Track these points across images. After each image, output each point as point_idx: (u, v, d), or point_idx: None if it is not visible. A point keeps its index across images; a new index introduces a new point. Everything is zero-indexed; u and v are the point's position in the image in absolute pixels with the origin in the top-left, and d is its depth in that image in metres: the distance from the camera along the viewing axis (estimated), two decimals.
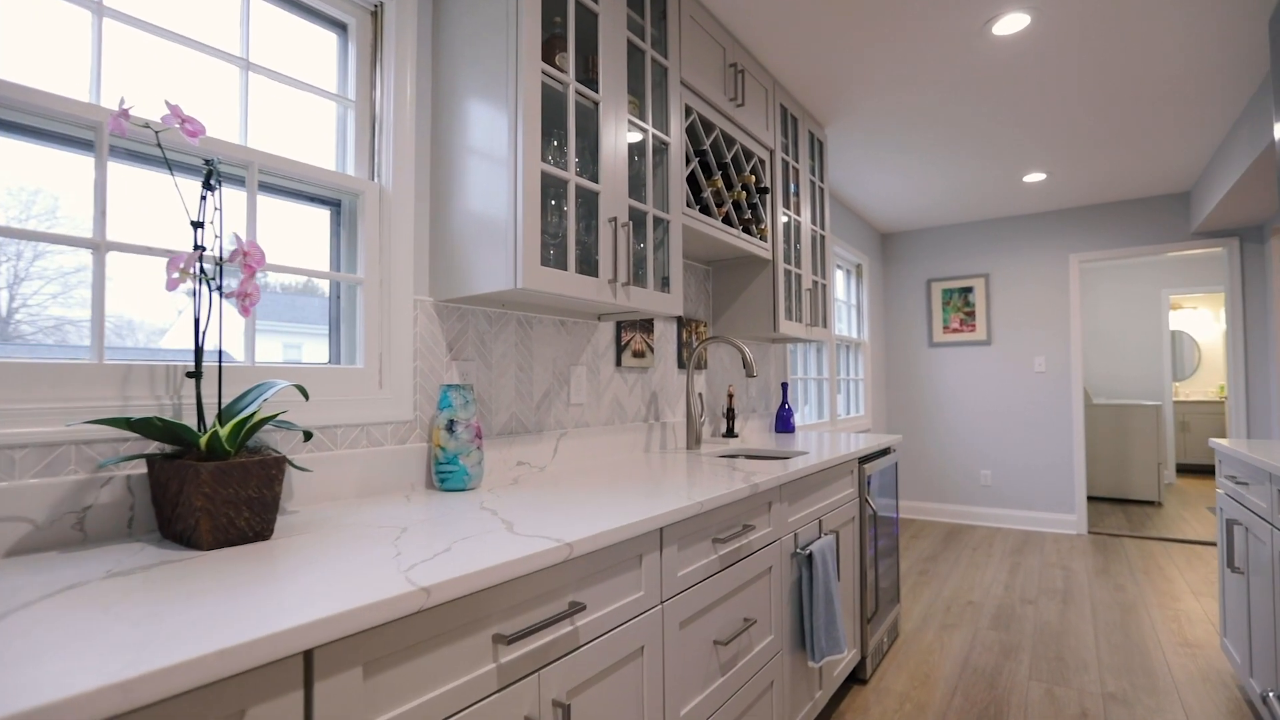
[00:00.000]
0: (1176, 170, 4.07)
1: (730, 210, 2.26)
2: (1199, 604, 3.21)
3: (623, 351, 2.16)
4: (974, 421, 5.14)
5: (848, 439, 2.73)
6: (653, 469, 1.80)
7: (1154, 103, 3.15)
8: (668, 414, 2.41)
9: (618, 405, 2.15)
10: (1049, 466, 4.85)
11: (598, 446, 2.03)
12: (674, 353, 2.46)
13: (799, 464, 1.86)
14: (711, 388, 2.72)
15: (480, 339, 1.66)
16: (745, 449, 2.38)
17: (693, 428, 2.30)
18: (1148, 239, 4.57)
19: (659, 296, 1.81)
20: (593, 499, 1.32)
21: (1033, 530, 4.83)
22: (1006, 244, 5.03)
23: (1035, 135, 3.42)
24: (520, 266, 1.36)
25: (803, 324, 2.79)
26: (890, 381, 5.50)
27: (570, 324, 1.96)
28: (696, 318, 2.63)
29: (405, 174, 1.49)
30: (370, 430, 1.39)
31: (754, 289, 2.61)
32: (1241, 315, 4.30)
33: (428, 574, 0.78)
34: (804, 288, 2.82)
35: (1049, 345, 4.86)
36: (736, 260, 2.65)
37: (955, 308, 5.16)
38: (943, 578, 3.68)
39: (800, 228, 2.83)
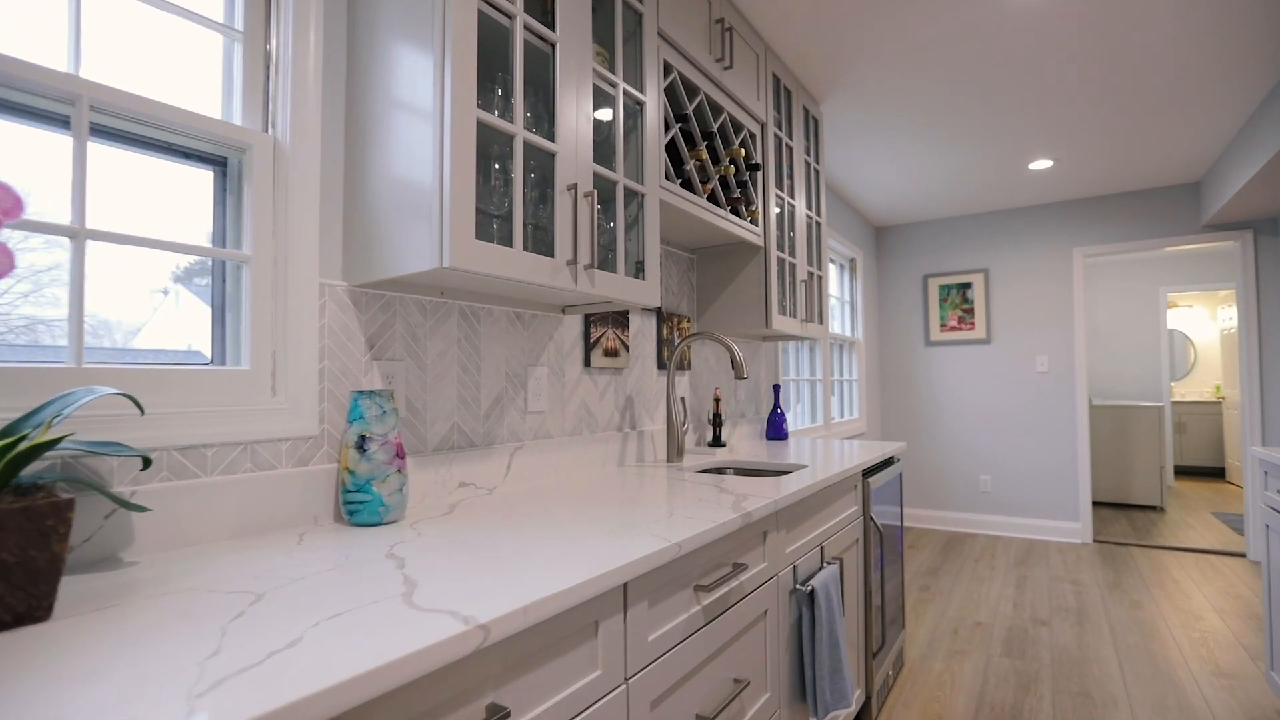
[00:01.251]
0: (1187, 159, 3.85)
1: (716, 188, 1.97)
2: (1224, 624, 2.97)
3: (592, 350, 1.87)
4: (972, 424, 4.90)
5: (845, 447, 2.45)
6: (625, 489, 1.51)
7: (1170, 86, 2.92)
8: (645, 421, 2.13)
9: (586, 412, 1.86)
10: (1052, 472, 4.62)
11: (561, 461, 1.73)
12: (653, 351, 2.18)
13: (797, 482, 1.57)
14: (696, 391, 2.44)
15: (412, 334, 1.36)
16: (734, 461, 2.10)
17: (674, 437, 2.02)
18: (1155, 232, 4.36)
19: (631, 284, 1.53)
20: (543, 536, 1.02)
21: (1035, 539, 4.60)
22: (1007, 238, 4.80)
23: (1044, 119, 3.17)
24: (448, 241, 1.06)
25: (797, 319, 2.51)
26: (885, 382, 5.25)
27: (528, 317, 1.66)
28: (679, 312, 2.34)
29: (308, 127, 1.19)
30: (257, 450, 1.09)
31: (743, 280, 2.33)
32: (1256, 312, 4.08)
33: (234, 707, 0.49)
34: (798, 279, 2.54)
35: (1051, 344, 4.63)
36: (724, 247, 2.37)
37: (953, 305, 4.92)
38: (945, 594, 3.42)
39: (794, 212, 2.56)
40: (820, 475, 1.70)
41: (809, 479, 1.63)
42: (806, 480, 1.61)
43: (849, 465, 1.93)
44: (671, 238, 2.21)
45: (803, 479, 1.63)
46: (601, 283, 1.42)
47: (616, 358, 1.97)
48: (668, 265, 2.29)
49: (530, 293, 1.43)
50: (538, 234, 1.39)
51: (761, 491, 1.45)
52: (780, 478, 1.65)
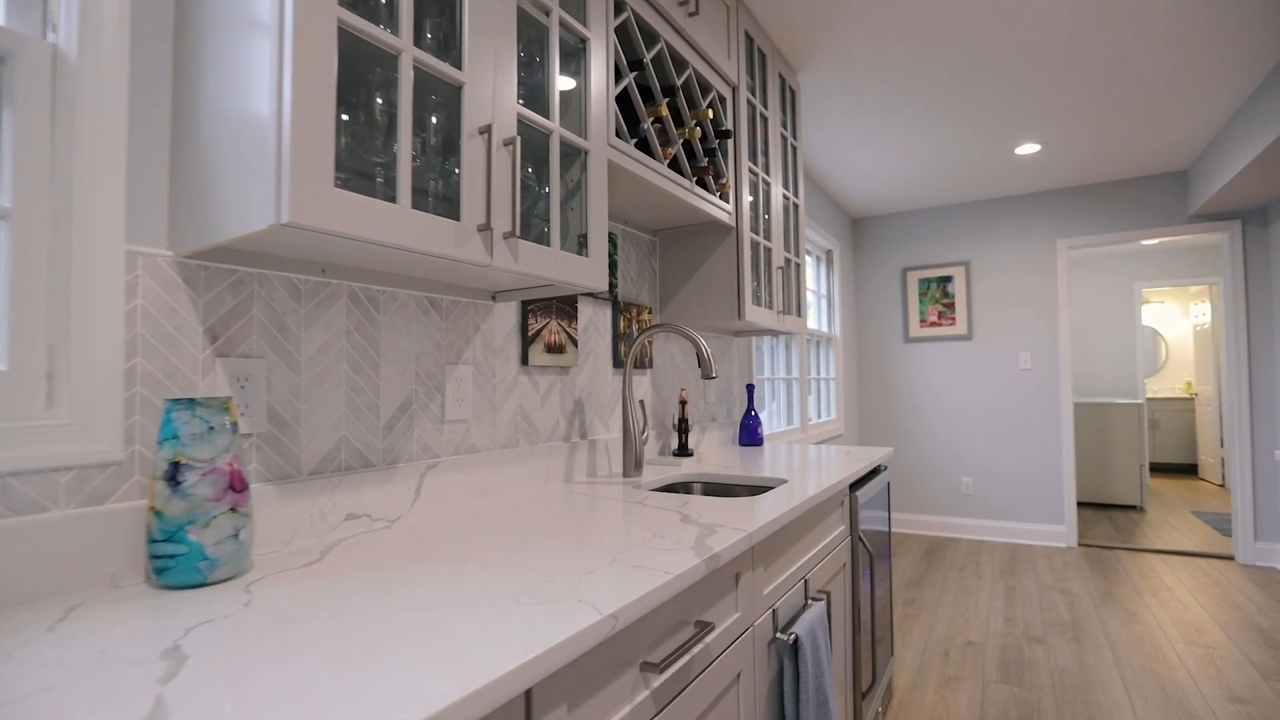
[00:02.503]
0: (1176, 145, 3.68)
1: (680, 154, 1.68)
2: (1228, 638, 2.78)
3: (531, 345, 1.56)
4: (954, 424, 4.70)
5: (827, 455, 2.18)
6: (565, 517, 1.20)
7: (1163, 67, 2.73)
8: (598, 429, 1.82)
9: (523, 420, 1.55)
10: (1036, 473, 4.43)
11: (491, 480, 1.42)
12: (607, 347, 1.88)
13: (776, 504, 1.29)
14: (659, 393, 2.15)
15: (278, 323, 1.04)
16: (702, 474, 1.81)
17: (631, 447, 1.72)
18: (1140, 222, 4.19)
19: (571, 261, 1.22)
20: (428, 603, 0.72)
21: (1020, 543, 4.41)
22: (989, 229, 4.60)
23: (1033, 98, 2.95)
24: (287, 188, 0.75)
25: (773, 311, 2.24)
26: (864, 381, 5.03)
27: (446, 305, 1.35)
28: (638, 302, 2.04)
29: (109, 35, 0.86)
30: (17, 484, 0.77)
31: (713, 266, 2.04)
32: (1244, 305, 3.94)
33: None
34: (774, 265, 2.26)
35: (1035, 340, 4.45)
36: (691, 228, 2.08)
37: (933, 299, 4.71)
38: (932, 608, 3.18)
39: (769, 191, 2.28)
40: (802, 493, 1.42)
41: (789, 500, 1.34)
42: (786, 501, 1.32)
43: (834, 479, 1.65)
44: (629, 214, 1.91)
45: (781, 500, 1.35)
46: (528, 257, 1.11)
47: (562, 354, 1.66)
48: (626, 248, 1.99)
49: (443, 271, 1.12)
50: (433, 183, 1.08)
51: (733, 519, 1.16)
52: (755, 498, 1.37)
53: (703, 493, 1.80)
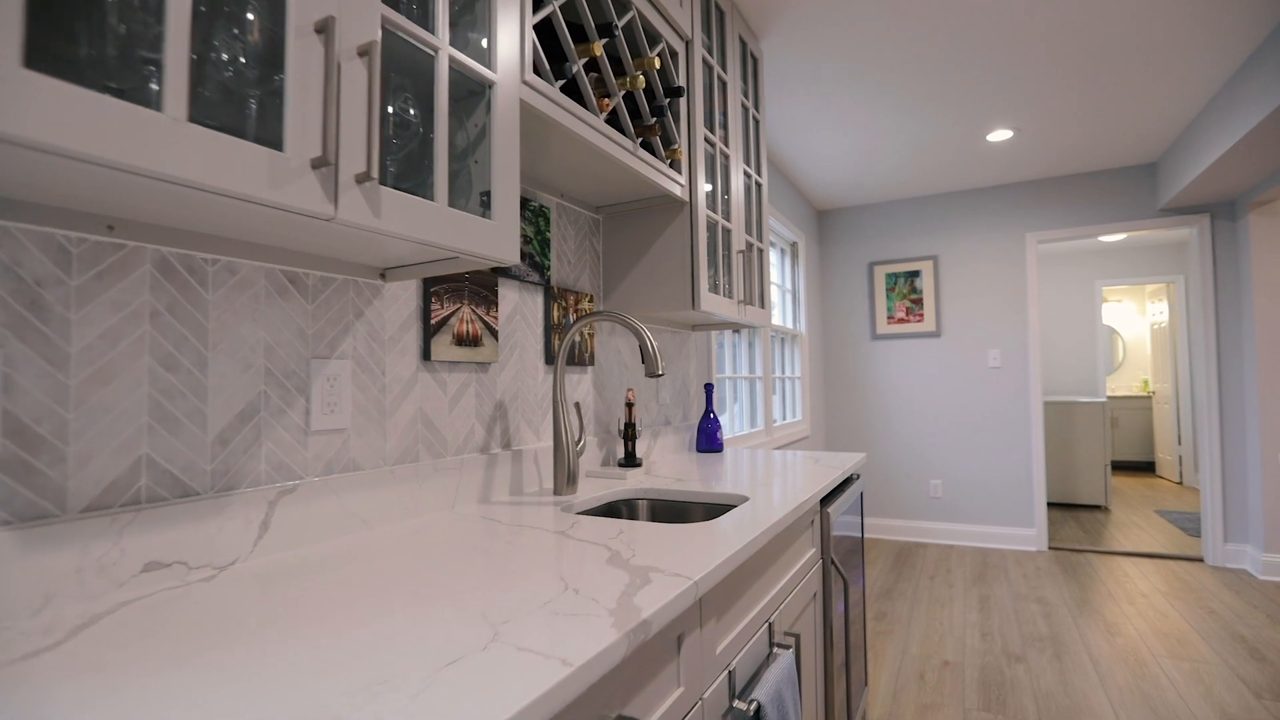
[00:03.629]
0: (1146, 137, 3.56)
1: (621, 108, 1.41)
2: (1212, 650, 2.63)
3: (435, 336, 1.27)
4: (922, 424, 4.53)
5: (794, 463, 1.94)
6: (457, 557, 0.92)
7: (1137, 51, 2.62)
8: (527, 437, 1.54)
9: (426, 428, 1.25)
10: (1005, 475, 4.30)
11: (377, 506, 1.13)
12: (538, 340, 1.59)
13: (735, 532, 1.03)
14: (603, 394, 1.87)
15: (28, 298, 0.73)
16: (650, 490, 1.54)
17: (563, 459, 1.44)
18: (1110, 216, 4.08)
19: (463, 223, 0.94)
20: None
21: (990, 548, 4.26)
22: (957, 222, 4.45)
23: (1007, 80, 2.77)
24: None
25: (733, 301, 1.98)
26: (830, 380, 4.84)
27: (314, 283, 1.05)
28: (578, 288, 1.77)
29: None
30: None
31: (664, 248, 1.78)
32: (1214, 301, 3.85)
33: None
34: (734, 249, 2.01)
35: (1004, 337, 4.31)
36: (638, 205, 1.81)
37: (901, 294, 4.54)
38: (904, 624, 2.98)
39: (729, 166, 2.02)
40: (767, 514, 1.16)
41: (751, 524, 1.08)
42: (747, 527, 1.06)
43: (803, 493, 1.40)
44: (564, 184, 1.63)
45: (741, 525, 1.08)
46: (397, 212, 0.82)
47: (478, 348, 1.37)
48: (563, 226, 1.71)
49: (300, 234, 0.83)
50: (262, 114, 0.78)
51: (678, 558, 0.89)
52: (709, 525, 1.10)
53: (649, 514, 1.53)
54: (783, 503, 1.31)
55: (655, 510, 1.52)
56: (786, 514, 1.21)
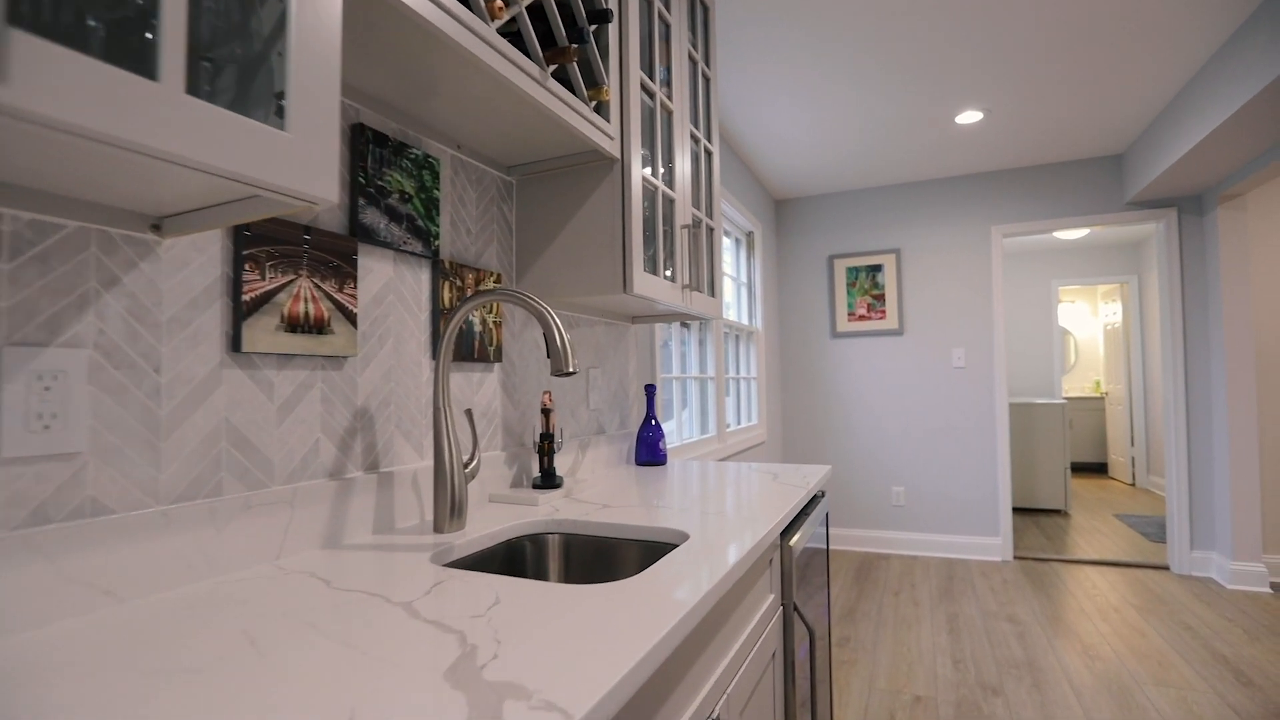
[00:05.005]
0: (1114, 126, 3.42)
1: (525, 21, 1.08)
2: (1196, 674, 2.46)
3: (251, 316, 0.91)
4: (884, 428, 4.33)
5: (749, 479, 1.64)
6: (213, 667, 0.58)
7: (1114, 33, 2.46)
8: (404, 454, 1.19)
9: (236, 447, 0.90)
10: (970, 482, 4.12)
11: (136, 567, 0.77)
12: (423, 328, 1.25)
13: (660, 604, 0.71)
14: (515, 397, 1.53)
15: None
16: (563, 521, 1.21)
17: (446, 485, 1.10)
18: (1076, 209, 3.95)
19: (224, 126, 0.59)
20: None
21: (955, 558, 4.08)
22: (921, 214, 4.26)
23: (981, 53, 2.54)
24: None
25: (676, 285, 1.67)
26: (787, 381, 4.59)
27: (13, 230, 0.69)
28: (481, 265, 1.43)
29: None
30: None
31: (589, 217, 1.45)
32: (1180, 296, 3.75)
33: None
34: (677, 224, 1.70)
35: (969, 335, 4.14)
36: (561, 165, 1.47)
37: (862, 290, 4.32)
38: (870, 650, 2.73)
39: (672, 125, 1.72)
40: (710, 567, 0.85)
41: (692, 585, 0.77)
42: (689, 591, 0.75)
43: (759, 526, 1.10)
44: (459, 129, 1.29)
45: (675, 588, 0.77)
46: (85, 91, 0.48)
47: (323, 335, 1.02)
48: (461, 185, 1.37)
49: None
50: None
51: (561, 663, 0.57)
52: (626, 588, 0.78)
53: (562, 556, 1.20)
54: (735, 538, 1.00)
55: (570, 550, 1.19)
56: (737, 562, 0.90)
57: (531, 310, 1.05)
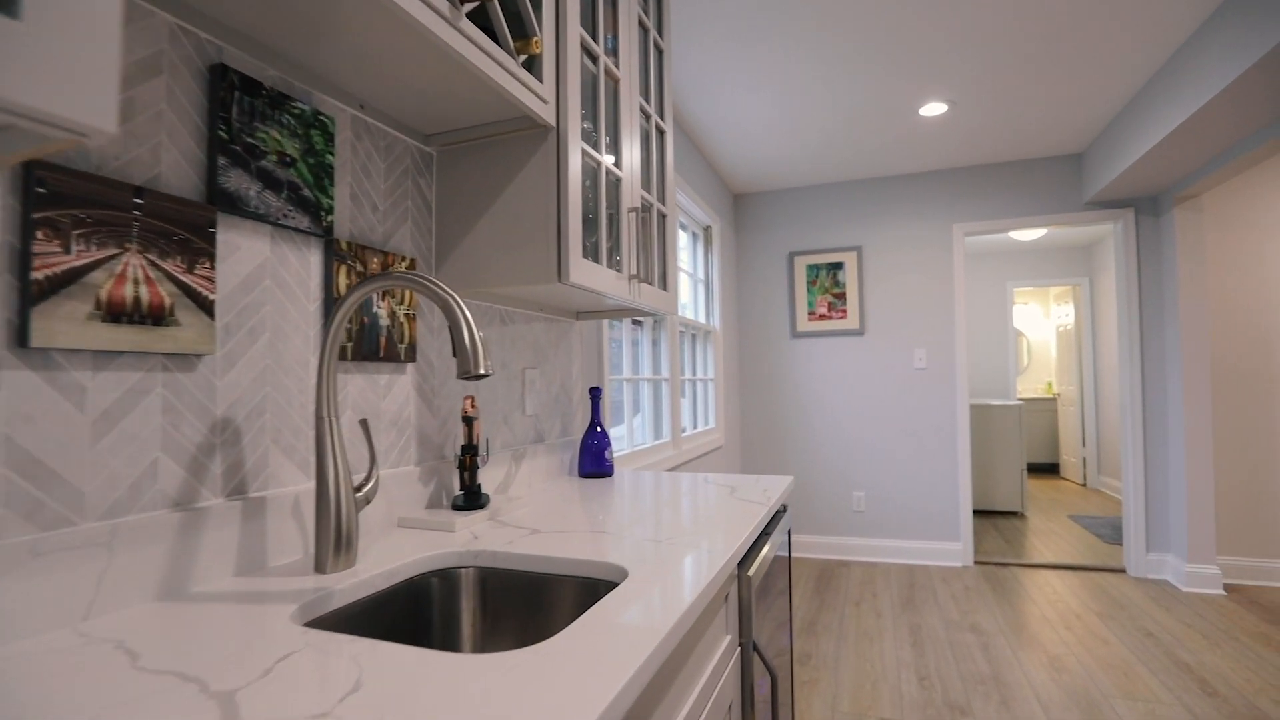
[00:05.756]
0: (1074, 124, 3.40)
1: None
2: (1160, 684, 2.40)
3: (47, 299, 0.70)
4: (845, 431, 4.24)
5: (703, 493, 1.48)
6: None
7: (1078, 29, 2.43)
8: (285, 474, 0.99)
9: (26, 475, 0.68)
10: (930, 485, 4.06)
11: None
12: (312, 321, 1.04)
13: (585, 680, 0.53)
14: (433, 403, 1.34)
15: None
16: (483, 552, 1.02)
17: (330, 512, 0.90)
18: (1036, 208, 3.93)
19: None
20: None
21: (916, 564, 4.01)
22: (883, 211, 4.19)
23: (947, 43, 2.45)
24: None
25: (622, 275, 1.50)
26: (745, 382, 4.47)
27: None
28: (390, 249, 1.22)
29: None
30: None
31: (520, 194, 1.26)
32: (1137, 296, 3.75)
33: None
34: (624, 206, 1.53)
35: (930, 335, 4.08)
36: (486, 134, 1.28)
37: (823, 288, 4.23)
38: (832, 666, 2.60)
39: (618, 95, 1.54)
40: (651, 622, 0.68)
41: (627, 650, 0.59)
42: (621, 658, 0.57)
43: (715, 555, 0.93)
44: (361, 84, 1.09)
45: (610, 650, 0.59)
46: None
47: (161, 327, 0.81)
48: (365, 152, 1.17)
49: None
50: None
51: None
52: (546, 651, 0.60)
53: (477, 595, 1.01)
54: (688, 571, 0.83)
55: (487, 588, 1.00)
56: (686, 611, 0.73)
57: (434, 298, 0.85)
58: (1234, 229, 3.67)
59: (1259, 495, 3.59)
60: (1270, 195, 3.61)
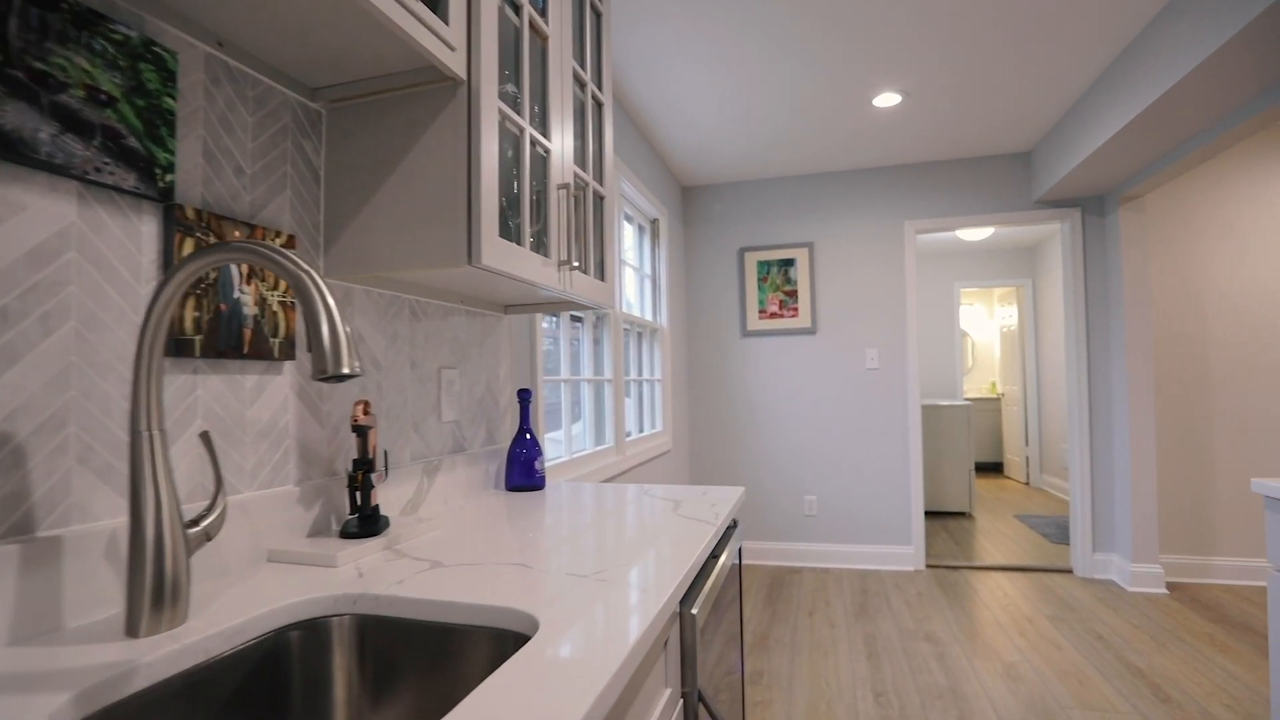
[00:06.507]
0: (1023, 121, 3.39)
1: None
2: (1115, 691, 2.36)
3: None
4: (796, 434, 4.15)
5: (640, 514, 1.32)
6: None
7: (1032, 20, 2.33)
8: (95, 502, 0.77)
9: None
10: (882, 489, 4.01)
11: None
12: (135, 307, 0.83)
13: None
14: (319, 409, 1.13)
15: None
16: (362, 598, 0.82)
17: (146, 556, 0.69)
18: (986, 206, 3.92)
19: None
20: None
21: (868, 569, 3.95)
22: (835, 206, 4.12)
23: (903, 28, 2.36)
24: None
25: (550, 261, 1.32)
26: (694, 382, 4.34)
27: None
28: (260, 222, 1.01)
29: None
30: None
31: (423, 160, 1.07)
32: (1083, 296, 3.78)
33: None
34: (552, 183, 1.35)
35: (882, 334, 4.03)
36: (384, 91, 1.08)
37: (774, 286, 4.13)
38: (785, 683, 2.48)
39: (548, 55, 1.36)
40: (567, 694, 0.51)
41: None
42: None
43: (648, 600, 0.77)
44: (219, 14, 0.88)
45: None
46: None
47: None
48: (229, 102, 0.95)
49: None
50: None
51: None
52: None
53: (353, 654, 0.81)
54: (607, 629, 0.66)
55: (367, 643, 0.81)
56: (607, 684, 0.56)
57: (285, 274, 0.66)
58: (1174, 230, 3.73)
59: (1198, 493, 3.65)
60: (1208, 198, 3.69)
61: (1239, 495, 3.61)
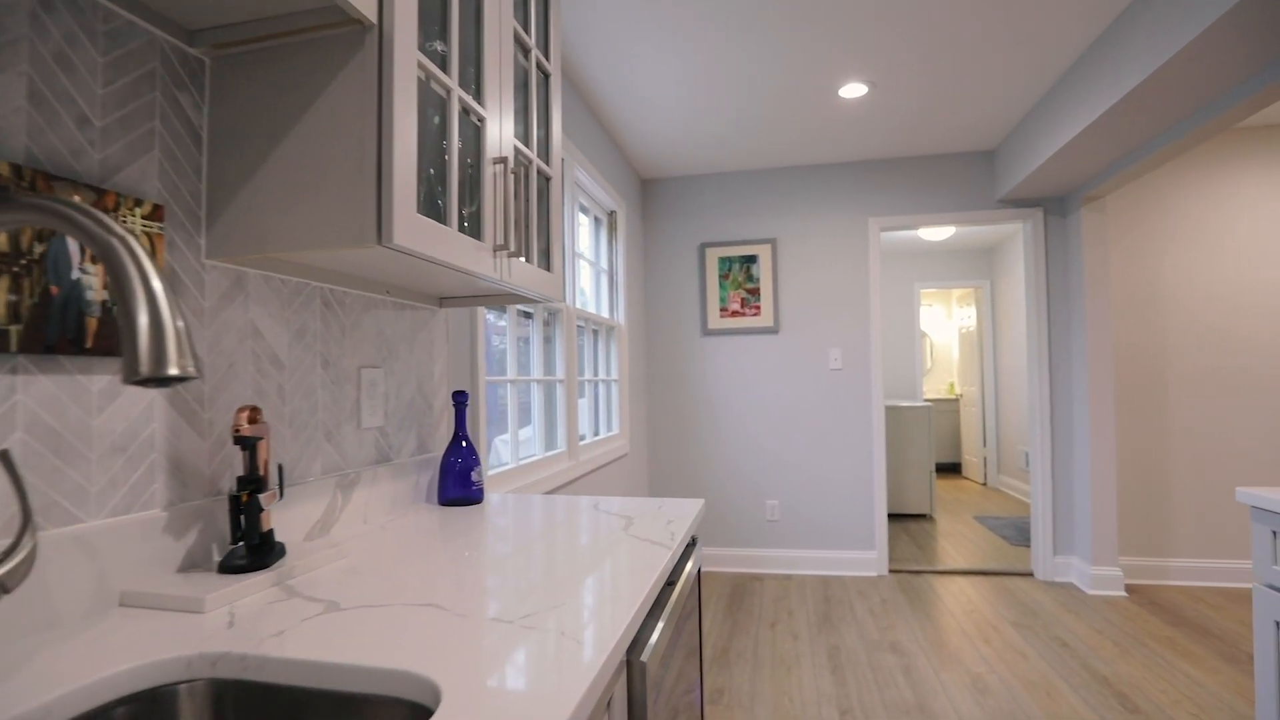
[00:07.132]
0: (987, 118, 3.35)
1: None
2: (1083, 701, 2.31)
3: None
4: (758, 436, 4.05)
5: (588, 536, 1.17)
6: None
7: (1007, 10, 2.25)
8: None
9: None
10: (845, 492, 3.94)
11: None
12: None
13: None
14: (198, 417, 0.95)
15: None
16: (225, 657, 0.65)
17: None
18: (951, 204, 3.88)
19: None
20: None
21: (831, 575, 3.87)
22: (798, 201, 4.03)
23: (872, 14, 2.27)
24: None
25: (484, 245, 1.16)
26: (653, 383, 4.20)
27: None
28: (109, 185, 0.83)
29: None
30: None
31: (326, 119, 0.90)
32: (1045, 296, 3.77)
33: None
34: (487, 155, 1.19)
35: (846, 334, 3.96)
36: (279, 32, 0.91)
37: (736, 283, 4.02)
38: (747, 704, 2.36)
39: (482, 11, 1.20)
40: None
41: None
42: None
43: (589, 659, 0.62)
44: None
45: None
46: None
47: None
48: (68, 34, 0.77)
49: None
50: None
51: None
52: None
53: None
54: (529, 706, 0.51)
55: (224, 717, 0.64)
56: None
57: (89, 239, 0.49)
58: (1133, 232, 3.75)
59: (1155, 495, 3.68)
60: (1166, 199, 3.72)
61: (1193, 497, 3.64)
